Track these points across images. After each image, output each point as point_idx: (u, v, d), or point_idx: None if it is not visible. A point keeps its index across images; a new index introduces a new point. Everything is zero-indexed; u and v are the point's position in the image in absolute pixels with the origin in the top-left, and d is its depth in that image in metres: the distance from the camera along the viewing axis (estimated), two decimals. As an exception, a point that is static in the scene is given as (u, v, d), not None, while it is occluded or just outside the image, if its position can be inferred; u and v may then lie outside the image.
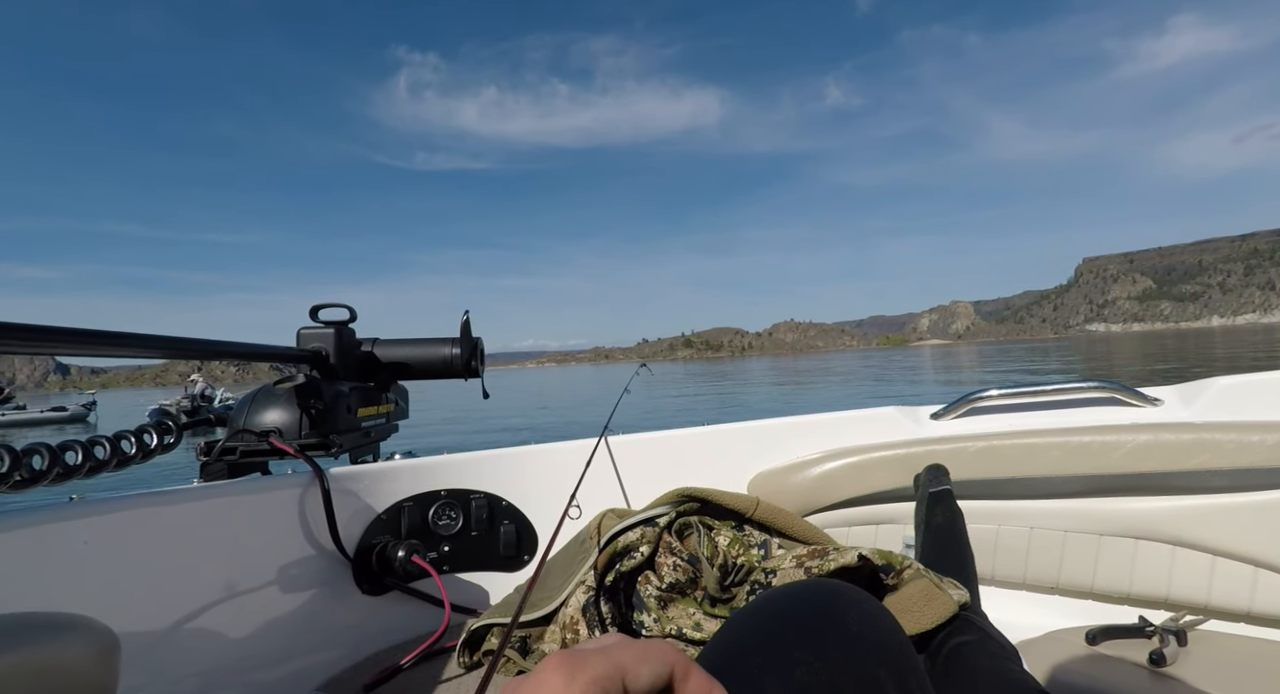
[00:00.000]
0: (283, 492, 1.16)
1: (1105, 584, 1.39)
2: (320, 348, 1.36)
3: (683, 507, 1.17)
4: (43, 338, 0.74)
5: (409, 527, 1.33)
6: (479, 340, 1.57)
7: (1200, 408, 1.42)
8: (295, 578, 1.15)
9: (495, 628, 1.12)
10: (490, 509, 1.43)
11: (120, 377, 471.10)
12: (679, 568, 1.08)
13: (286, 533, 1.16)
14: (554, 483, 1.47)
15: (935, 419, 1.64)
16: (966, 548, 1.23)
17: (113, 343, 0.84)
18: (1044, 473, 1.42)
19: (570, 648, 0.26)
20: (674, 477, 1.39)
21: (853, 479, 1.56)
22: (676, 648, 0.27)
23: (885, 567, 0.96)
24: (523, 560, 1.45)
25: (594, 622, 1.03)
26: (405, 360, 1.52)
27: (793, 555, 1.05)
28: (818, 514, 1.59)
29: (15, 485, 0.80)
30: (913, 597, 0.90)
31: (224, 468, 1.20)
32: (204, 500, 1.05)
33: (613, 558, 1.08)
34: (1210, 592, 1.30)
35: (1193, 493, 1.32)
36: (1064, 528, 1.41)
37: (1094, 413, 1.52)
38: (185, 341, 1.00)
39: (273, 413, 1.23)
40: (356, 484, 1.29)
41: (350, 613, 1.23)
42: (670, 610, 1.06)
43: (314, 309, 1.40)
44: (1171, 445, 1.33)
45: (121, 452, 0.95)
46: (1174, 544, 1.33)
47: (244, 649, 1.05)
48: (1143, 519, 1.35)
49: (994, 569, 1.48)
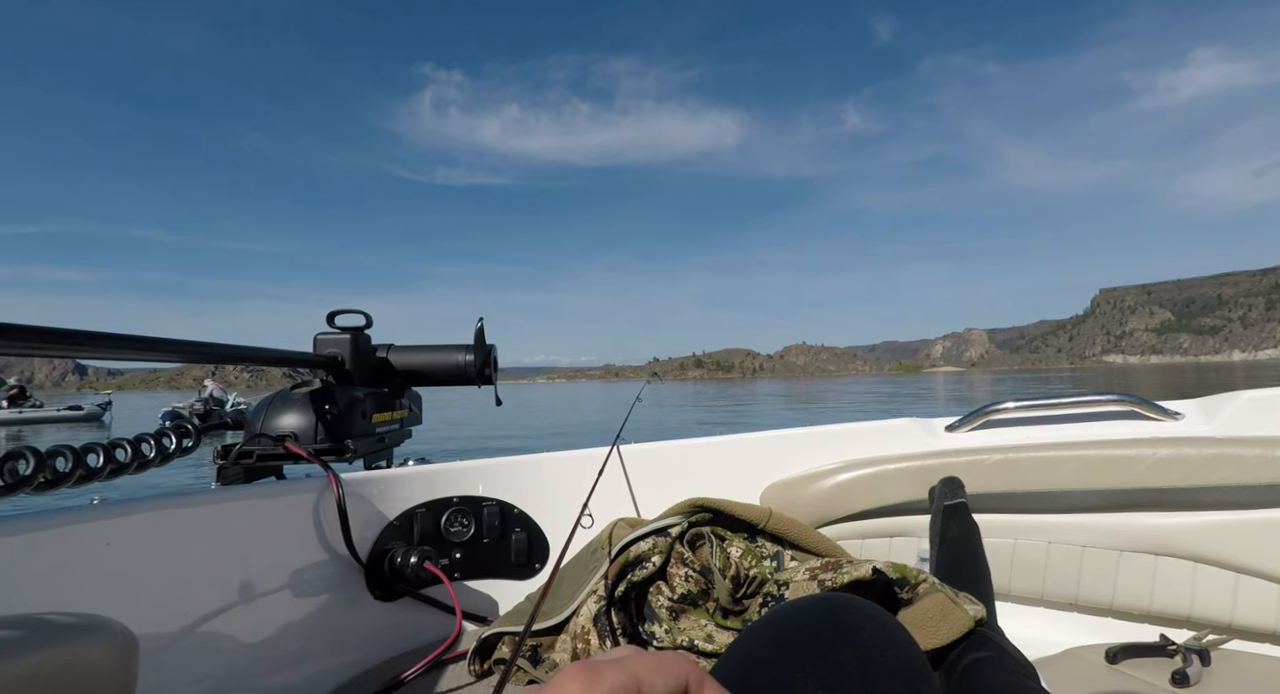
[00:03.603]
0: (298, 496, 1.17)
1: (1125, 601, 1.37)
2: (336, 353, 1.38)
3: (695, 517, 1.17)
4: (66, 341, 0.75)
5: (421, 533, 1.34)
6: (492, 348, 1.58)
7: (1222, 422, 1.40)
8: (309, 582, 1.16)
9: (506, 636, 1.12)
10: (502, 517, 1.43)
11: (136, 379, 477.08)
12: (691, 579, 1.08)
13: (301, 537, 1.17)
14: (566, 491, 1.47)
15: (950, 431, 1.62)
16: (983, 562, 1.22)
17: (133, 346, 0.85)
18: (1062, 487, 1.40)
19: (585, 659, 0.26)
20: (686, 486, 1.38)
21: (867, 491, 1.55)
22: (690, 660, 0.27)
23: (900, 580, 0.95)
24: (534, 569, 1.45)
25: (605, 632, 1.03)
26: (419, 367, 1.53)
27: (806, 568, 1.05)
28: (831, 526, 1.57)
29: (39, 486, 0.81)
30: (928, 611, 0.89)
31: (240, 472, 1.21)
32: (221, 504, 1.06)
33: (624, 568, 1.08)
34: (1234, 610, 1.28)
35: (1215, 509, 1.30)
36: (1082, 543, 1.39)
37: (1113, 426, 1.50)
38: (204, 346, 1.01)
39: (289, 417, 1.25)
40: (370, 490, 1.30)
41: (363, 619, 1.23)
42: (682, 621, 1.05)
43: (331, 315, 1.42)
44: (1193, 460, 1.31)
45: (142, 454, 0.96)
46: (1196, 561, 1.30)
47: (258, 653, 1.06)
48: (1163, 535, 1.33)
49: (1011, 584, 1.46)
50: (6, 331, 0.68)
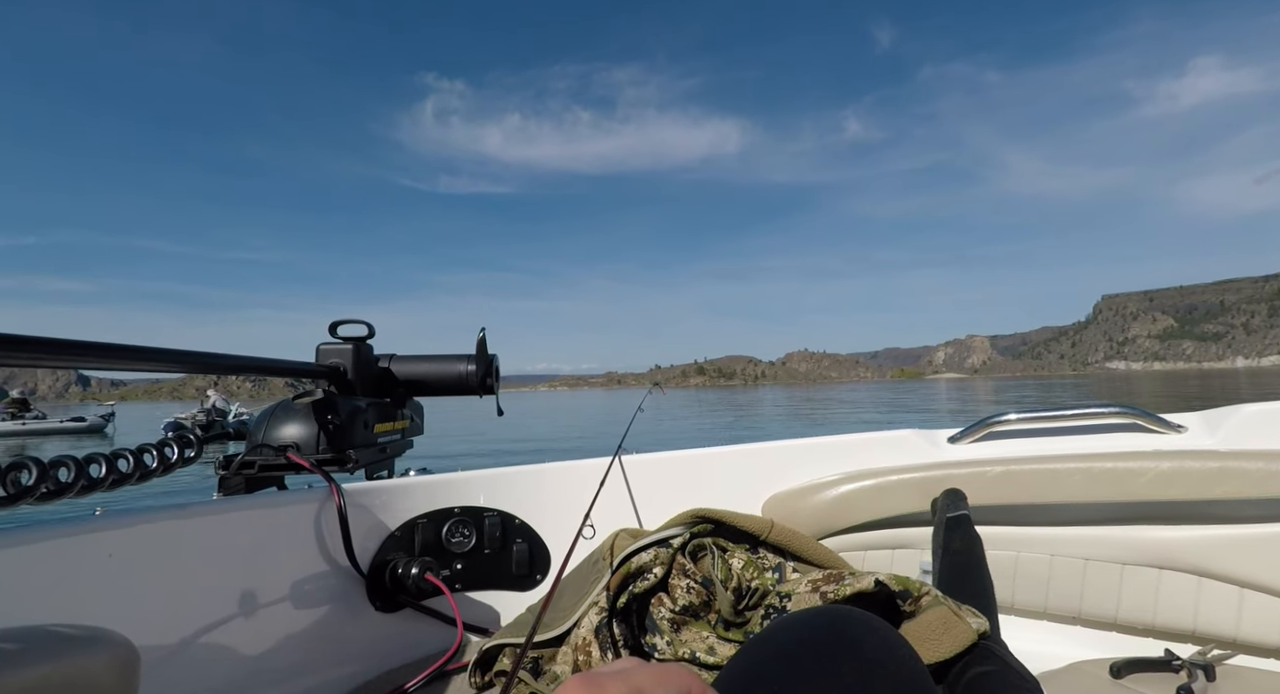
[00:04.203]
0: (299, 507, 1.17)
1: (1129, 615, 1.36)
2: (339, 363, 1.38)
3: (697, 528, 1.17)
4: (69, 352, 0.76)
5: (422, 544, 1.34)
6: (494, 357, 1.58)
7: (1225, 435, 1.40)
8: (310, 594, 1.16)
9: (507, 648, 1.11)
10: (503, 527, 1.43)
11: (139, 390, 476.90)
12: (693, 590, 1.07)
13: (302, 548, 1.17)
14: (567, 502, 1.47)
15: (953, 443, 1.62)
16: (985, 575, 1.21)
17: (135, 357, 0.86)
18: (1065, 499, 1.40)
19: (587, 671, 0.26)
20: (688, 497, 1.38)
21: (869, 502, 1.54)
22: (692, 673, 0.27)
23: (903, 593, 0.95)
24: (535, 580, 1.45)
25: (606, 643, 1.02)
26: (421, 376, 1.53)
27: (808, 580, 1.04)
28: (833, 537, 1.57)
29: (42, 497, 0.81)
30: (931, 624, 0.88)
31: (242, 482, 1.21)
32: (223, 514, 1.06)
33: (626, 579, 1.08)
34: (1239, 625, 1.27)
35: (1219, 522, 1.29)
36: (1085, 556, 1.38)
37: (1116, 439, 1.49)
38: (207, 356, 1.01)
39: (291, 427, 1.25)
40: (371, 500, 1.30)
41: (363, 630, 1.23)
42: (683, 633, 1.05)
43: (333, 325, 1.42)
44: (1196, 473, 1.30)
45: (144, 464, 0.97)
46: (1200, 575, 1.30)
47: (258, 664, 1.06)
48: (1167, 548, 1.32)
49: (1014, 597, 1.45)
50: (9, 342, 0.68)
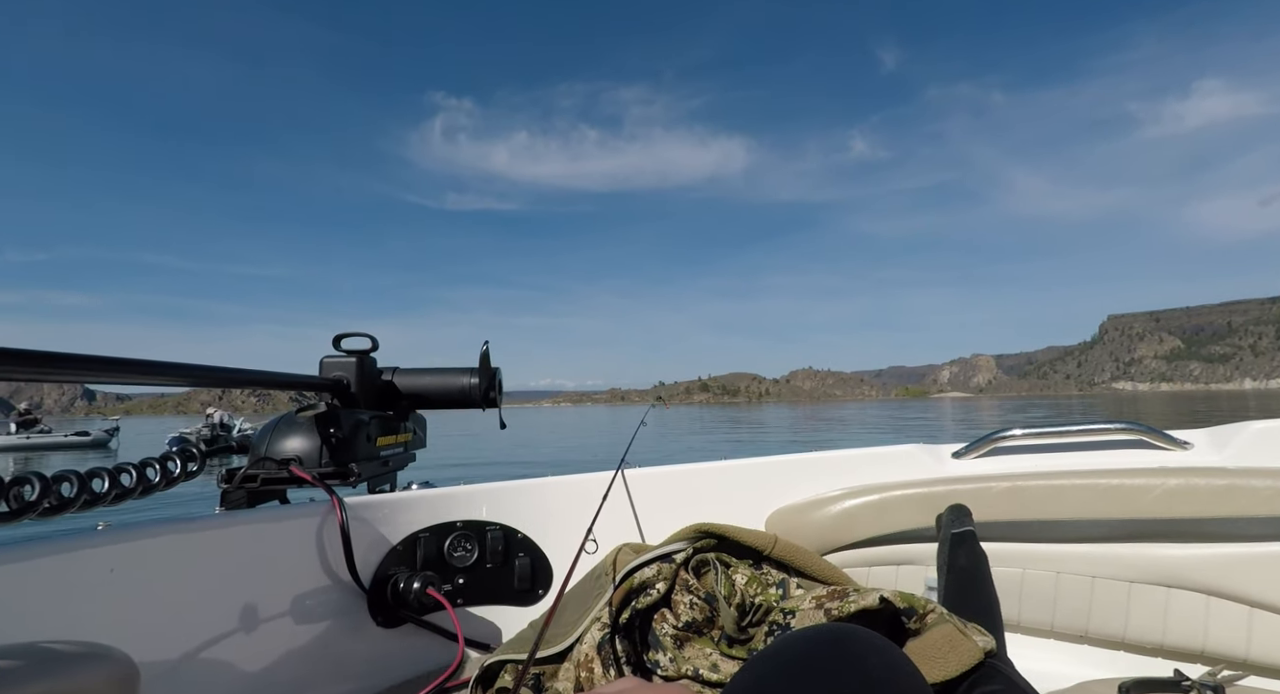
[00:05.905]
0: (301, 521, 1.17)
1: (1137, 634, 1.34)
2: (342, 376, 1.38)
3: (700, 543, 1.16)
4: (74, 366, 0.76)
5: (424, 558, 1.33)
6: (498, 370, 1.58)
7: (1233, 452, 1.38)
8: (311, 608, 1.15)
9: (509, 664, 1.10)
10: (506, 541, 1.42)
11: (144, 404, 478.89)
12: (696, 606, 1.06)
13: (304, 563, 1.16)
14: (570, 516, 1.46)
15: (957, 458, 1.61)
16: (991, 592, 1.20)
17: (141, 371, 0.86)
18: (1071, 516, 1.38)
19: (589, 690, 0.26)
20: (691, 511, 1.37)
21: (873, 518, 1.53)
22: (695, 692, 0.27)
23: (907, 610, 0.94)
24: (537, 595, 1.44)
25: (609, 660, 1.01)
26: (424, 390, 1.53)
27: (812, 596, 1.03)
28: (837, 553, 1.55)
29: (44, 512, 0.81)
30: (936, 643, 0.87)
31: (244, 496, 1.21)
32: (224, 529, 1.06)
33: (628, 594, 1.07)
34: (1249, 645, 1.25)
35: (1227, 541, 1.28)
36: (1092, 573, 1.37)
37: (1122, 455, 1.48)
38: (211, 370, 1.02)
39: (293, 441, 1.25)
40: (373, 514, 1.29)
41: (364, 645, 1.22)
42: (686, 650, 1.04)
43: (337, 338, 1.42)
44: (1204, 490, 1.29)
45: (147, 479, 0.97)
46: (1208, 594, 1.28)
47: (259, 680, 1.05)
48: (1175, 567, 1.30)
49: (1020, 615, 1.43)
50: (15, 357, 0.69)
